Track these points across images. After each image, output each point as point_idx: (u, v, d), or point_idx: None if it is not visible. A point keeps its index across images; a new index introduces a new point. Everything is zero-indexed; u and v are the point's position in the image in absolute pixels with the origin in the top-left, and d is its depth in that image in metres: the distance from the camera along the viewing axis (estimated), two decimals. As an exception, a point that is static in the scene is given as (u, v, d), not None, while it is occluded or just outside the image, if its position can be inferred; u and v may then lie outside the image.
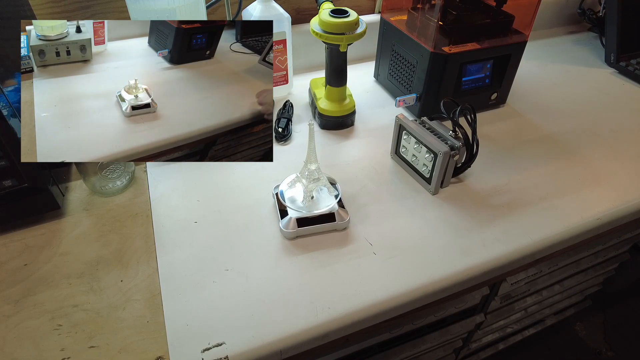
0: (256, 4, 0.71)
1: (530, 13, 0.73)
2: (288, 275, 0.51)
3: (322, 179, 0.57)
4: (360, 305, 0.48)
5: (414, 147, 0.63)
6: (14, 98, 0.55)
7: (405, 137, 0.65)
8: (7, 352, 0.43)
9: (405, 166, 0.67)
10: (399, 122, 0.64)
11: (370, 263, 0.53)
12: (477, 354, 1.01)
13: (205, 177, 0.65)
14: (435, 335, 0.74)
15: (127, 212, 0.60)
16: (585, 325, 1.30)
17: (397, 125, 0.65)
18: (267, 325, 0.46)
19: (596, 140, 0.75)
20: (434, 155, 0.59)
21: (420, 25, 0.73)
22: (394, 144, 0.68)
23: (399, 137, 0.66)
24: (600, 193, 0.63)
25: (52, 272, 0.51)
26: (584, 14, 1.11)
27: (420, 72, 0.73)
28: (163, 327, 0.46)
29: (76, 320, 0.46)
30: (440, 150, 0.57)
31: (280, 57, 0.77)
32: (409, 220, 0.58)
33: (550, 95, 0.88)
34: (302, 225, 0.54)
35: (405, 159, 0.66)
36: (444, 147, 0.57)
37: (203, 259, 0.53)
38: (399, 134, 0.66)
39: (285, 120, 0.74)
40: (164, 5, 0.63)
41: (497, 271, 0.54)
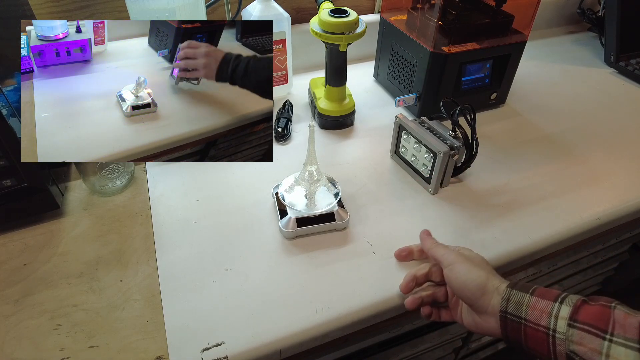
0: (256, 3, 0.71)
1: (530, 13, 0.73)
2: (288, 275, 0.51)
3: (322, 180, 0.57)
4: (359, 305, 0.48)
5: (414, 147, 0.63)
6: (14, 98, 0.55)
7: (404, 137, 0.64)
8: (7, 352, 0.43)
9: (405, 166, 0.67)
10: (399, 122, 0.64)
11: (369, 263, 0.53)
12: (477, 354, 1.01)
13: (205, 177, 0.65)
14: (435, 335, 0.74)
15: (127, 211, 0.60)
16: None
17: (396, 125, 0.65)
18: (267, 325, 0.46)
19: (596, 140, 0.75)
20: (433, 155, 0.59)
21: (419, 25, 0.73)
22: (394, 144, 0.68)
23: (398, 137, 0.66)
24: (600, 193, 0.63)
25: (51, 271, 0.51)
26: (583, 14, 1.12)
27: (420, 72, 0.73)
28: (162, 326, 0.46)
29: (76, 320, 0.46)
30: (440, 150, 0.57)
31: (280, 56, 0.77)
32: (409, 220, 0.58)
33: (549, 95, 0.88)
34: (302, 225, 0.54)
35: (405, 158, 0.66)
36: (444, 147, 0.57)
37: (203, 259, 0.53)
38: (398, 134, 0.66)
39: (285, 120, 0.74)
40: (163, 5, 0.63)
41: (497, 271, 0.54)
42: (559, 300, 0.37)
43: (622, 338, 0.33)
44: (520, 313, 0.38)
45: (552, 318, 0.36)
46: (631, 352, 0.32)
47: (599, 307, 0.35)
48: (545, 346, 0.37)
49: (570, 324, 0.35)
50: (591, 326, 0.34)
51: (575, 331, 0.35)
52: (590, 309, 0.35)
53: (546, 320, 0.37)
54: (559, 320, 0.36)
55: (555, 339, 0.36)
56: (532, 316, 0.38)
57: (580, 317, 0.35)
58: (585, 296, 0.37)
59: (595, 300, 0.36)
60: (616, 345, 0.33)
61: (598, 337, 0.34)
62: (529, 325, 0.38)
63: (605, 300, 0.36)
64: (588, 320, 0.35)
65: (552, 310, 0.37)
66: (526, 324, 0.38)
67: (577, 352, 0.34)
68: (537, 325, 0.37)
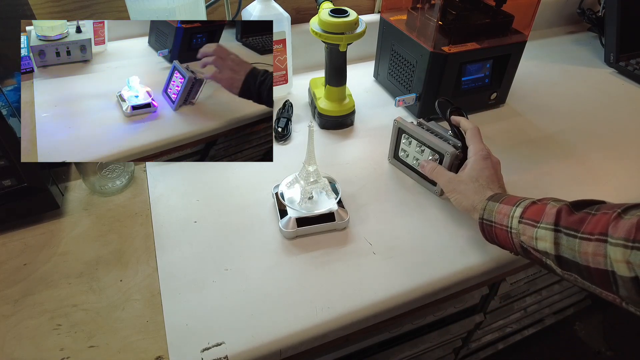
0: (256, 3, 0.71)
1: (530, 13, 0.73)
2: (287, 275, 0.51)
3: (320, 181, 0.57)
4: (359, 304, 0.48)
5: (416, 149, 0.62)
6: (14, 98, 0.55)
7: (404, 140, 0.64)
8: (7, 352, 0.43)
9: (405, 169, 0.66)
10: (398, 126, 0.63)
11: (369, 263, 0.53)
12: (477, 354, 1.01)
13: (204, 176, 0.65)
14: (435, 335, 0.74)
15: (127, 211, 0.60)
16: (584, 325, 1.30)
17: (395, 129, 0.64)
18: (267, 325, 0.46)
19: (596, 140, 0.75)
20: (439, 157, 0.59)
21: (419, 25, 0.73)
22: (392, 149, 0.66)
23: (397, 140, 0.65)
24: (600, 193, 0.63)
25: (51, 271, 0.51)
26: (583, 14, 1.12)
27: (420, 72, 0.73)
28: (162, 326, 0.46)
29: (76, 320, 0.46)
30: (447, 151, 0.57)
31: (280, 56, 0.77)
32: (409, 220, 0.58)
33: (549, 95, 0.88)
34: (302, 225, 0.55)
35: (406, 162, 0.65)
36: (450, 148, 0.57)
37: (202, 259, 0.53)
38: (397, 138, 0.65)
39: (285, 119, 0.74)
40: (163, 5, 0.63)
41: (497, 271, 0.54)
42: (516, 204, 0.46)
43: (545, 224, 0.42)
44: (491, 218, 0.48)
45: (510, 218, 0.46)
46: (548, 232, 0.41)
47: (541, 205, 0.44)
48: (508, 241, 0.46)
49: (520, 220, 0.44)
50: (530, 219, 0.43)
51: (521, 225, 0.44)
52: (534, 207, 0.44)
53: (506, 221, 0.46)
54: (513, 219, 0.45)
55: (512, 234, 0.45)
56: (498, 219, 0.47)
57: (526, 214, 0.44)
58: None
59: (542, 201, 0.45)
60: (540, 229, 0.42)
61: (533, 227, 0.43)
62: (496, 226, 0.47)
63: (548, 199, 0.44)
64: (529, 216, 0.44)
65: (510, 212, 0.46)
66: (494, 225, 0.47)
67: (524, 241, 0.44)
68: (502, 226, 0.46)
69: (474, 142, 0.56)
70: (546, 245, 0.41)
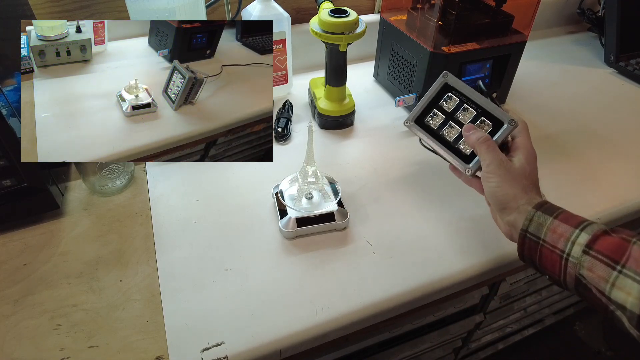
0: (256, 3, 0.71)
1: (530, 13, 0.73)
2: (287, 275, 0.51)
3: (319, 182, 0.57)
4: (359, 305, 0.48)
5: (457, 115, 0.51)
6: (14, 98, 0.55)
7: (444, 100, 0.51)
8: (7, 352, 0.43)
9: (425, 138, 0.52)
10: (445, 81, 0.51)
11: (369, 263, 0.53)
12: (477, 354, 1.01)
13: (204, 176, 0.65)
14: (435, 335, 0.74)
15: (127, 211, 0.60)
16: (584, 325, 1.30)
17: (438, 84, 0.51)
18: (267, 325, 0.46)
19: (596, 140, 0.75)
20: (493, 127, 0.48)
21: (419, 25, 0.73)
22: (419, 110, 0.53)
23: (433, 100, 0.52)
24: (600, 193, 0.63)
25: (51, 271, 0.51)
26: (583, 14, 1.12)
27: (420, 72, 0.73)
28: (162, 326, 0.46)
29: (75, 320, 0.46)
30: (512, 119, 0.47)
31: (280, 56, 0.77)
32: (409, 220, 0.58)
33: (549, 95, 0.88)
34: (302, 225, 0.54)
35: (432, 128, 0.52)
36: (508, 117, 0.47)
37: (202, 259, 0.53)
38: (435, 97, 0.52)
39: (285, 119, 0.74)
40: (163, 5, 0.63)
41: (497, 271, 0.54)
42: (580, 227, 0.38)
43: (633, 272, 0.33)
44: (540, 234, 0.40)
45: (569, 243, 0.38)
46: (637, 285, 0.32)
47: (619, 239, 0.36)
48: (557, 267, 0.38)
49: (585, 250, 0.36)
50: (605, 256, 0.35)
51: (589, 258, 0.36)
52: (609, 240, 0.36)
53: (563, 244, 0.38)
54: (575, 245, 0.37)
55: (568, 262, 0.37)
56: (551, 238, 0.39)
57: (597, 246, 0.36)
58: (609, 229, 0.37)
59: (617, 232, 0.37)
60: (624, 277, 0.33)
61: (609, 267, 0.35)
62: (546, 247, 0.39)
63: (626, 234, 0.37)
64: (603, 250, 0.36)
65: (570, 235, 0.38)
66: (543, 245, 0.39)
67: (585, 276, 0.36)
68: (554, 248, 0.39)
69: (524, 136, 0.47)
70: (628, 300, 0.33)
